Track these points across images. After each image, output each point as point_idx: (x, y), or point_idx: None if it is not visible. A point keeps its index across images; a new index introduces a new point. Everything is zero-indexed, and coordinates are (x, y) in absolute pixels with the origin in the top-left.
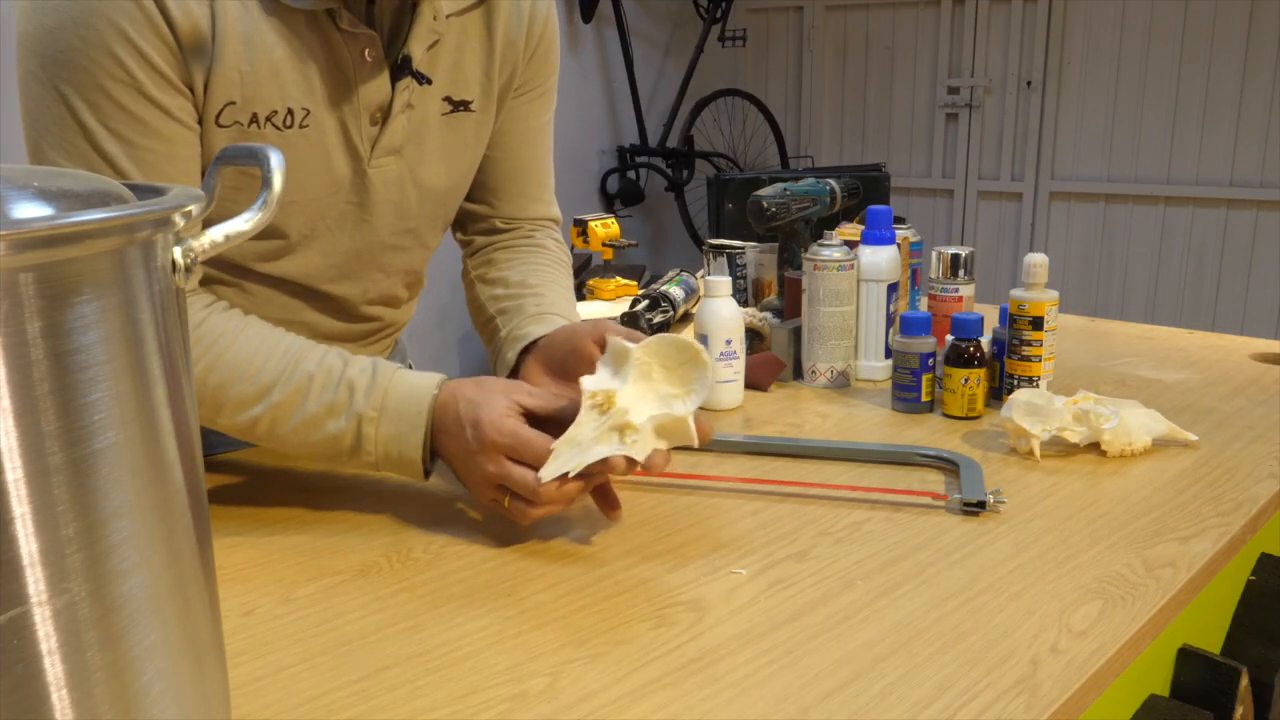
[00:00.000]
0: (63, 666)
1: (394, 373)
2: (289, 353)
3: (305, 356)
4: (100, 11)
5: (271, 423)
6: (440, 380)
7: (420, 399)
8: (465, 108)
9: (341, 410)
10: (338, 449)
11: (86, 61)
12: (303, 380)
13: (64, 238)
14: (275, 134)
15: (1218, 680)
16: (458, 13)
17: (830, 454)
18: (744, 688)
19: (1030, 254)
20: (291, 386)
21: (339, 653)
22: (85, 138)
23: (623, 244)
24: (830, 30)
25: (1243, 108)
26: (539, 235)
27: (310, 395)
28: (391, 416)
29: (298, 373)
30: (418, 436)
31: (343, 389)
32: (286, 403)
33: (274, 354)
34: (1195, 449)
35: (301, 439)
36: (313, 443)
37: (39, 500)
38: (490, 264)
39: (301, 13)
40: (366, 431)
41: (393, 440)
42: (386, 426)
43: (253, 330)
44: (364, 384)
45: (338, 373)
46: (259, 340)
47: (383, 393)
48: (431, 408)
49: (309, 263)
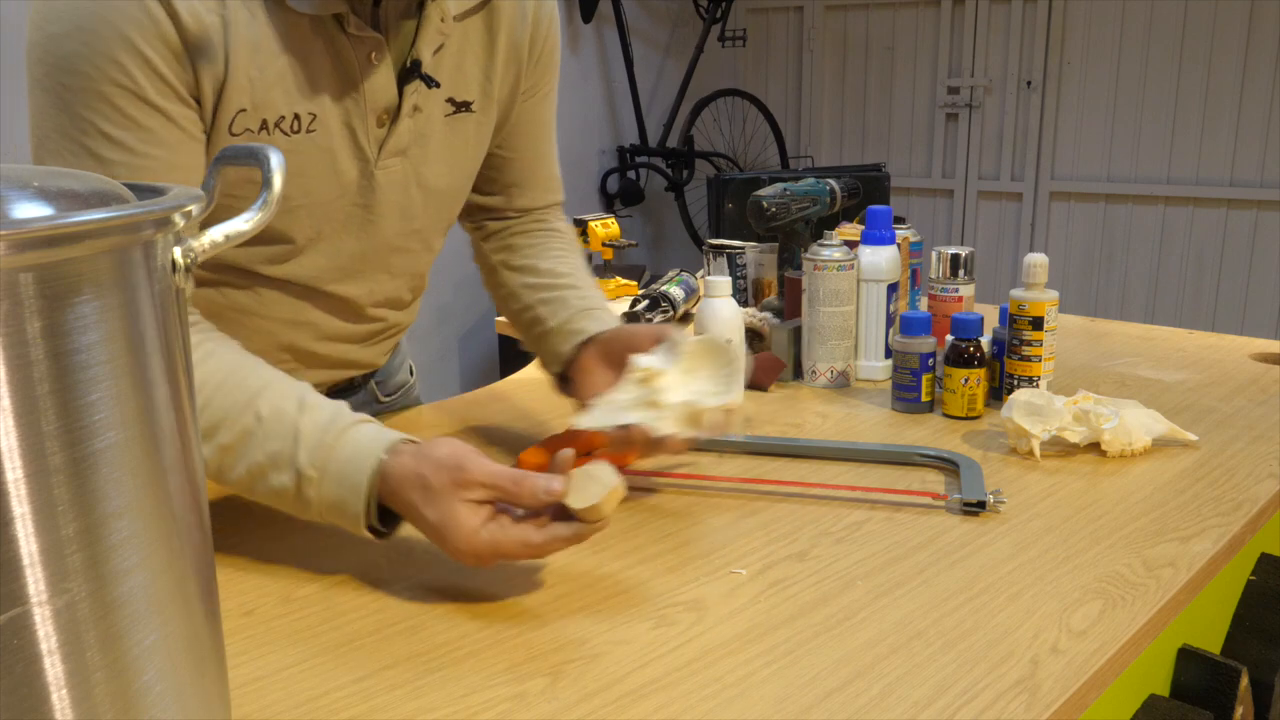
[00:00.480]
0: (63, 666)
1: (347, 428)
2: (241, 387)
3: (261, 394)
4: (107, 18)
5: (219, 465)
6: (393, 443)
7: (364, 460)
8: (467, 109)
9: (285, 464)
10: (285, 500)
11: (90, 68)
12: (250, 423)
13: (64, 238)
14: (283, 139)
15: (1218, 680)
16: (461, 15)
17: (830, 454)
18: (744, 688)
19: (1030, 254)
20: (238, 429)
21: (339, 653)
22: (84, 145)
23: (623, 244)
24: (830, 30)
25: (1243, 108)
26: (550, 218)
27: (255, 441)
28: (333, 479)
29: (245, 416)
30: (358, 506)
31: (288, 440)
32: (233, 446)
33: (224, 388)
34: (1195, 449)
35: (248, 486)
36: (259, 492)
37: (39, 500)
38: (512, 250)
39: (308, 17)
40: (308, 493)
41: (334, 506)
42: (328, 490)
43: (213, 355)
44: (311, 437)
45: (289, 419)
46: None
47: (328, 451)
48: (376, 473)
49: (315, 265)
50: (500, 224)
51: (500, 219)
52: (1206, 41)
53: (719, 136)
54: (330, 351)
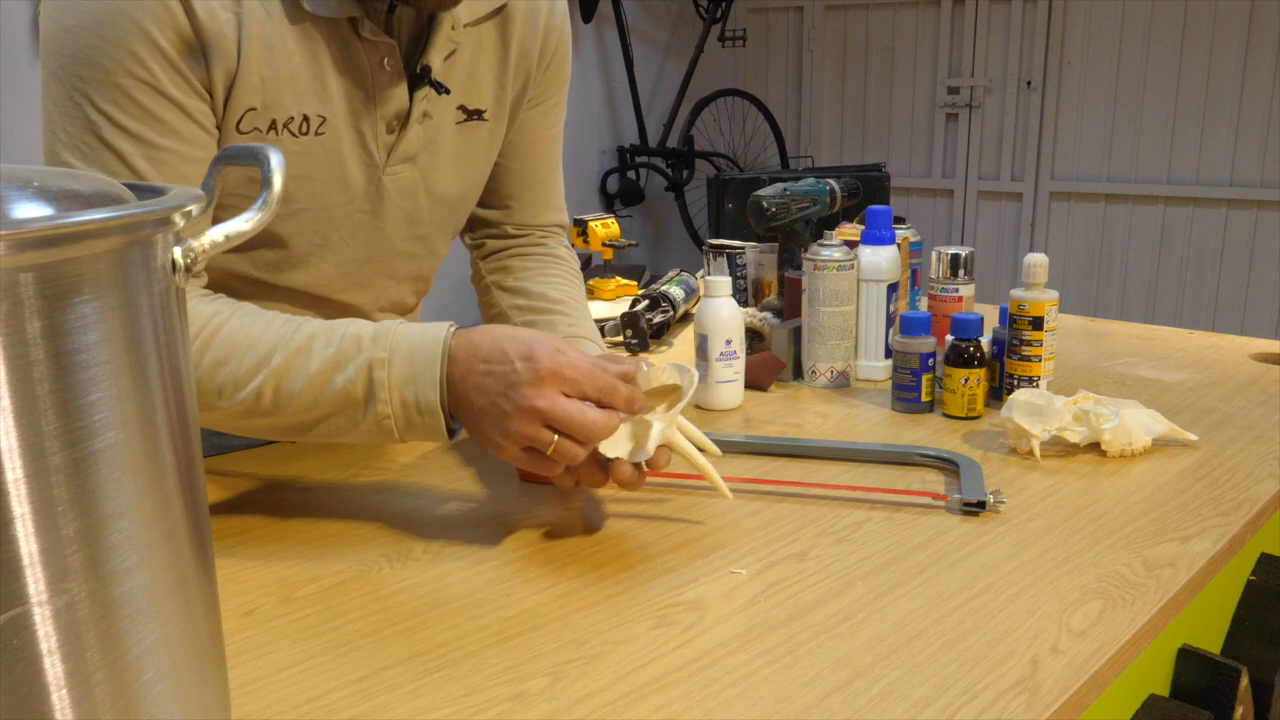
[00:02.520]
0: (63, 666)
1: (400, 322)
2: (288, 322)
3: (304, 323)
4: (123, 11)
5: (275, 392)
6: (453, 324)
7: (434, 336)
8: (479, 117)
9: (348, 360)
10: (350, 404)
11: (106, 60)
12: (304, 340)
13: (64, 238)
14: (292, 140)
15: (1218, 680)
16: (474, 22)
17: (830, 454)
18: (744, 688)
19: (1030, 254)
20: (292, 348)
21: (339, 653)
22: (100, 138)
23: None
24: (830, 30)
25: (1243, 108)
26: (551, 243)
27: (314, 353)
28: (403, 356)
29: (298, 336)
30: (434, 374)
31: (348, 341)
32: (288, 366)
33: (271, 325)
34: (1195, 449)
35: (311, 402)
36: (324, 403)
37: (39, 500)
38: (507, 271)
39: (324, 20)
40: (378, 376)
41: (408, 383)
42: (399, 368)
43: (248, 309)
44: (370, 333)
45: (340, 329)
46: (255, 315)
47: (391, 336)
48: (446, 343)
49: (321, 272)
50: (499, 243)
51: (500, 237)
52: (1206, 41)
53: (719, 136)
54: None
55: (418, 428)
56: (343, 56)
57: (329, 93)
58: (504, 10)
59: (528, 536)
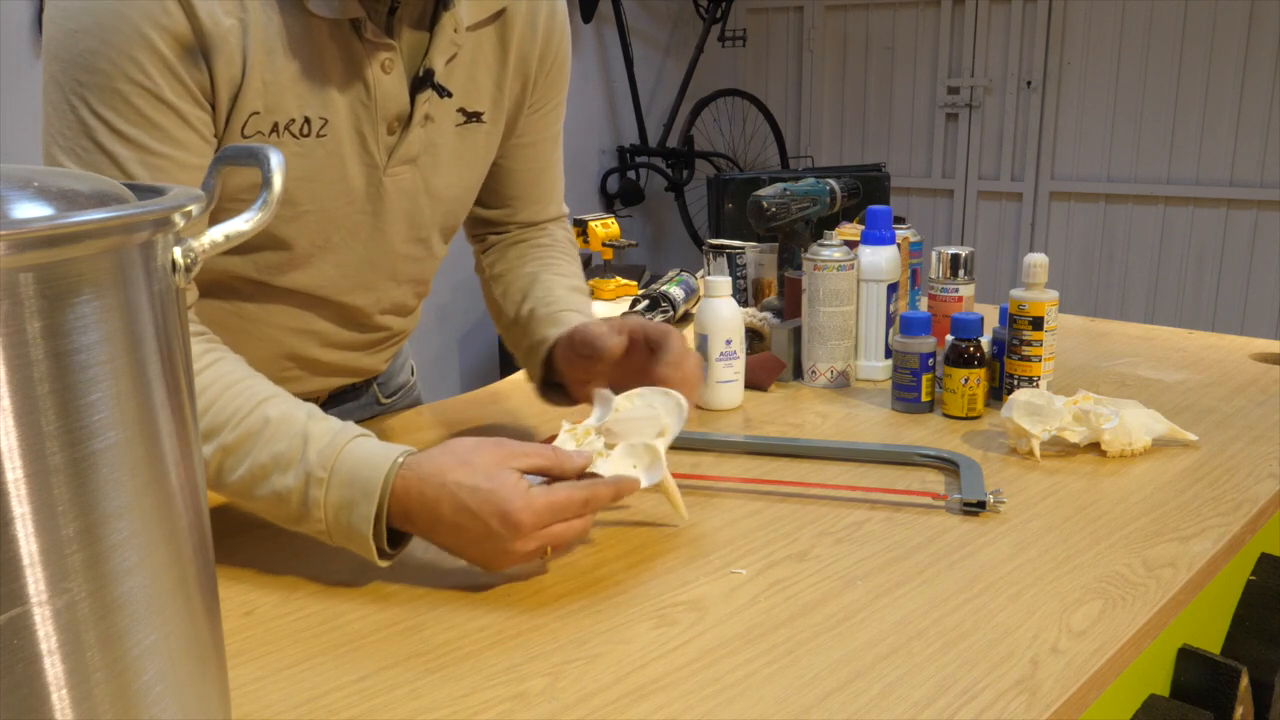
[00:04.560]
0: (63, 666)
1: (356, 436)
2: (253, 394)
3: (269, 401)
4: (127, 16)
5: (218, 468)
6: (405, 451)
7: (376, 466)
8: (477, 119)
9: (291, 464)
10: (285, 508)
11: (106, 65)
12: (257, 423)
13: (64, 238)
14: (293, 142)
15: (1218, 680)
16: (475, 26)
17: (830, 454)
18: (744, 688)
19: (1030, 254)
20: (243, 429)
21: (339, 653)
22: (97, 142)
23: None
24: (830, 30)
25: (1243, 108)
26: (550, 227)
27: (262, 441)
28: (343, 480)
29: (254, 415)
30: (369, 508)
31: (296, 440)
32: (236, 446)
33: (238, 392)
34: (1195, 449)
35: (247, 492)
36: (259, 499)
37: (39, 500)
38: (503, 260)
39: (325, 22)
40: (314, 494)
41: (342, 508)
42: (336, 491)
43: (226, 361)
44: (321, 440)
45: (298, 423)
46: (227, 373)
47: (337, 453)
48: (389, 478)
49: (323, 274)
50: (499, 237)
51: (501, 233)
52: (1206, 41)
53: (719, 136)
54: (334, 359)
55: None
56: (344, 58)
57: (330, 95)
58: (504, 14)
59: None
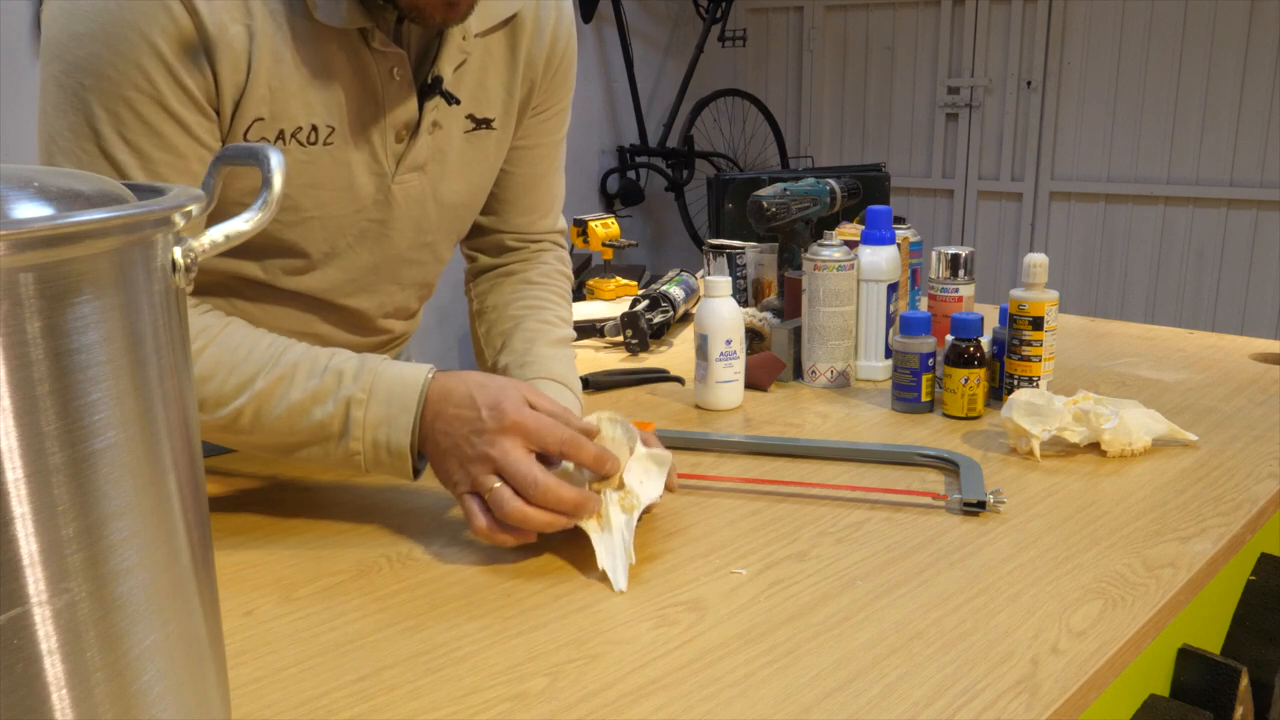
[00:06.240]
0: (63, 666)
1: (383, 360)
2: (274, 345)
3: (290, 348)
4: (133, 22)
5: (255, 414)
6: (432, 368)
7: (412, 381)
8: (487, 125)
9: (328, 394)
10: (325, 436)
11: (112, 71)
12: (287, 368)
13: (64, 238)
14: (299, 150)
15: (1218, 680)
16: (484, 32)
17: (830, 454)
18: (744, 688)
19: (1030, 254)
20: (275, 374)
21: (339, 653)
22: (99, 146)
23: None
24: (830, 30)
25: (1243, 108)
26: (544, 255)
27: (295, 381)
28: (381, 399)
29: (282, 362)
30: (407, 420)
31: (329, 375)
32: (270, 391)
33: (258, 345)
34: (1195, 449)
35: (288, 428)
36: (300, 431)
37: (39, 500)
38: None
39: (333, 30)
40: (355, 415)
41: (381, 424)
42: (375, 409)
43: (236, 324)
44: (352, 369)
45: (324, 360)
46: (243, 333)
47: (372, 375)
48: (424, 391)
49: (328, 278)
50: (492, 260)
51: (494, 252)
52: (1206, 41)
53: (719, 136)
54: None
55: (385, 466)
56: (352, 67)
57: (338, 103)
58: (514, 19)
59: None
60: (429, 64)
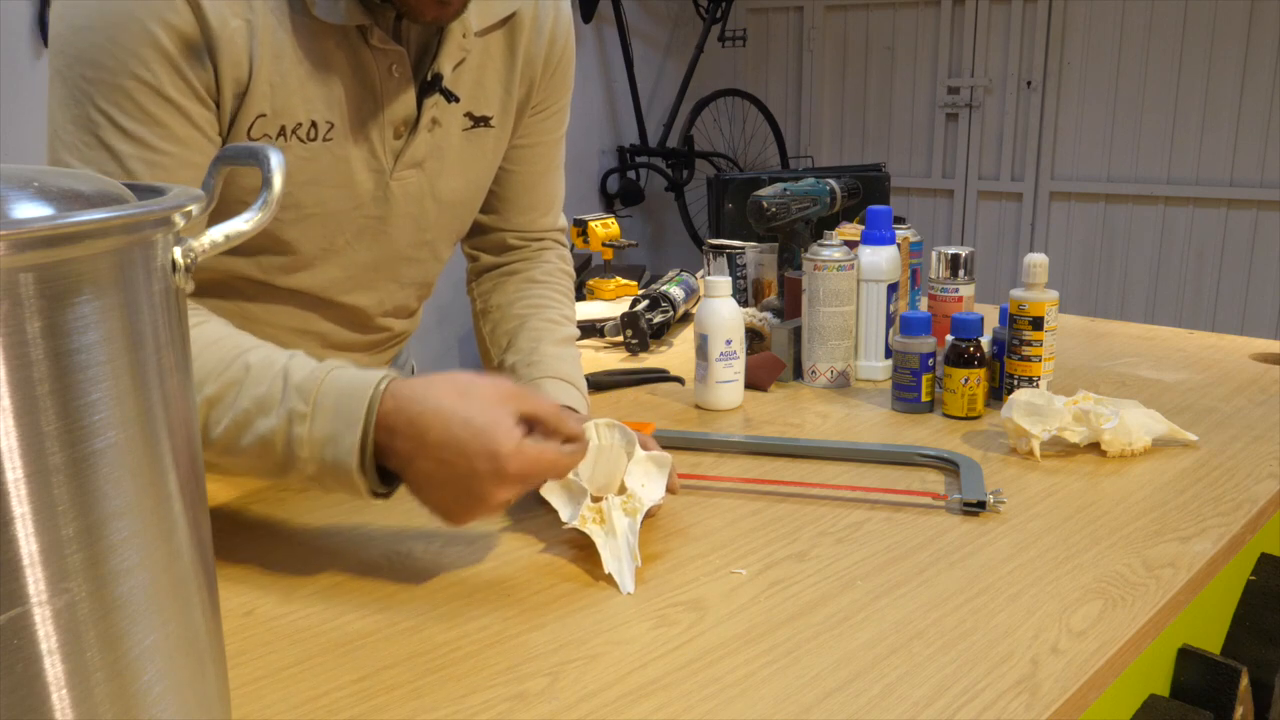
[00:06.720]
0: (63, 666)
1: (337, 367)
2: (237, 347)
3: (252, 350)
4: (133, 14)
5: (204, 426)
6: (385, 376)
7: (359, 393)
8: (485, 123)
9: (273, 405)
10: (271, 457)
11: (111, 61)
12: (238, 372)
13: (64, 238)
14: (300, 146)
15: (1218, 680)
16: (484, 31)
17: (830, 454)
18: (744, 688)
19: (1030, 254)
20: (225, 379)
21: (339, 653)
22: (99, 138)
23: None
24: (830, 30)
25: (1243, 108)
26: (546, 254)
27: (244, 388)
28: (326, 413)
29: (235, 365)
30: (353, 438)
31: (277, 380)
32: (218, 397)
33: (220, 348)
34: (1195, 449)
35: (233, 444)
36: (244, 450)
37: (39, 500)
38: (497, 293)
39: (332, 27)
40: (298, 432)
41: (327, 443)
42: (320, 426)
43: (212, 323)
44: (300, 375)
45: (278, 364)
46: (212, 332)
47: (318, 384)
48: (373, 402)
49: (327, 275)
50: (494, 258)
51: (496, 251)
52: (1206, 41)
53: (719, 136)
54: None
55: (335, 483)
56: (351, 63)
57: (337, 99)
58: (514, 18)
59: (528, 537)
60: (428, 61)
